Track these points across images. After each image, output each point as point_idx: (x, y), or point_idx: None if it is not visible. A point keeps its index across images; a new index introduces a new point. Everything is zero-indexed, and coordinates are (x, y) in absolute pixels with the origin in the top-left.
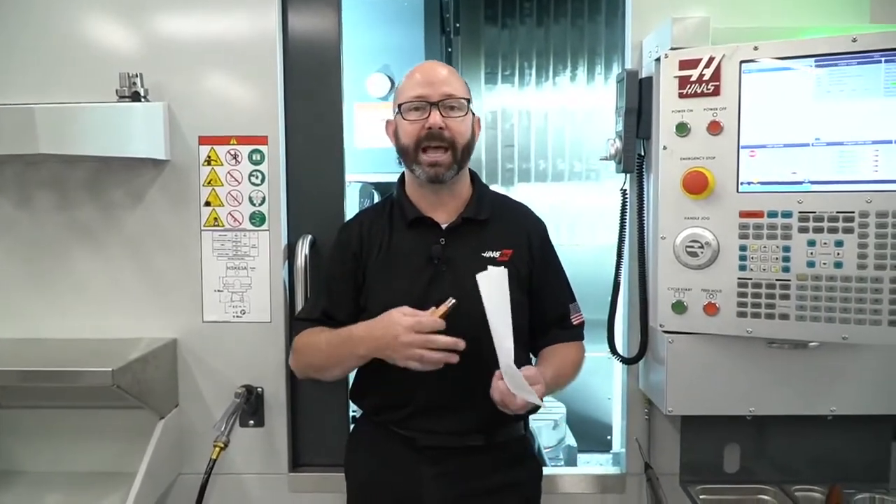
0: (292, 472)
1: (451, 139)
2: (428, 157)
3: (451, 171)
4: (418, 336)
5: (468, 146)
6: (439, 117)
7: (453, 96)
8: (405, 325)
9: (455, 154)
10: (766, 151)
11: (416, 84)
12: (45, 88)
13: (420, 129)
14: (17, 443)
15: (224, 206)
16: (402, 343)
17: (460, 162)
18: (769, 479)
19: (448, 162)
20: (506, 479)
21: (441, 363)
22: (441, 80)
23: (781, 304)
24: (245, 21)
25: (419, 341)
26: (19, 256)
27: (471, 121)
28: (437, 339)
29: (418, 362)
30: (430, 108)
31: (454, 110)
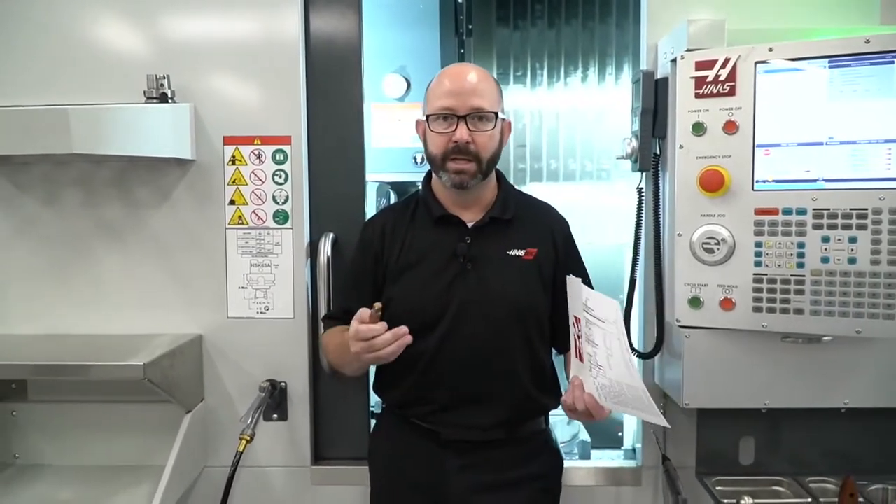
0: (314, 465)
1: (477, 152)
2: (454, 166)
3: (475, 179)
4: (363, 343)
5: (494, 157)
6: (466, 132)
7: (482, 109)
8: (350, 336)
9: (480, 165)
10: (780, 150)
11: (444, 93)
12: (75, 91)
13: (447, 141)
14: (46, 437)
15: (248, 205)
16: (354, 352)
17: (485, 171)
18: (784, 471)
19: (473, 171)
20: (528, 471)
21: (397, 351)
22: (469, 91)
23: (796, 299)
24: (268, 24)
25: (364, 347)
26: (46, 254)
27: (498, 129)
28: (376, 342)
29: (380, 360)
30: (458, 121)
31: (482, 122)
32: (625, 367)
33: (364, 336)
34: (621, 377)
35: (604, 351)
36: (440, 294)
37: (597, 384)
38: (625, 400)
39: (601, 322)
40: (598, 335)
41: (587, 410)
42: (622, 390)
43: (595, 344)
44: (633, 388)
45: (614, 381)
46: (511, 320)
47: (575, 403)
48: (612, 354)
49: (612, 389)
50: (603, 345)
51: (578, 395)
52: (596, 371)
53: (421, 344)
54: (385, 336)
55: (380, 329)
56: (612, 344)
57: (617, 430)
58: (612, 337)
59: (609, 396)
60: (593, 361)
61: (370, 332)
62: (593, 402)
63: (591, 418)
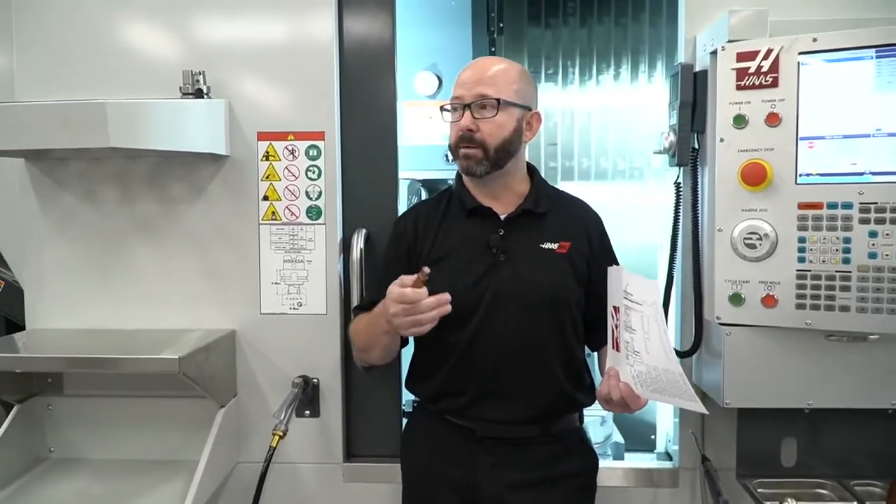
0: (346, 462)
1: (481, 140)
2: (461, 152)
3: (482, 165)
4: (402, 305)
5: (503, 146)
6: (469, 120)
7: (486, 96)
8: (391, 298)
9: (487, 152)
10: (825, 143)
11: (457, 84)
12: (113, 88)
13: (457, 129)
14: (80, 431)
15: (281, 201)
16: (393, 314)
17: (494, 159)
18: (827, 474)
19: (478, 157)
20: (562, 469)
21: (435, 319)
22: (480, 80)
23: (841, 296)
24: (302, 24)
25: (402, 310)
26: (82, 249)
27: (511, 118)
28: (419, 305)
29: (417, 327)
30: (464, 109)
31: (485, 110)
32: (662, 350)
33: (408, 299)
34: (658, 361)
35: (641, 336)
36: (474, 285)
37: (633, 372)
38: (661, 386)
39: (639, 305)
40: (636, 320)
41: (622, 400)
42: (659, 376)
43: (633, 329)
44: (670, 372)
45: (651, 366)
46: (544, 312)
47: (610, 392)
48: (649, 338)
49: (648, 376)
50: (641, 329)
51: (614, 384)
52: (632, 358)
53: (454, 335)
54: (429, 300)
55: (423, 293)
56: (651, 327)
57: (650, 434)
58: (650, 319)
59: (645, 384)
60: (630, 348)
61: (415, 294)
62: (629, 391)
63: (627, 408)
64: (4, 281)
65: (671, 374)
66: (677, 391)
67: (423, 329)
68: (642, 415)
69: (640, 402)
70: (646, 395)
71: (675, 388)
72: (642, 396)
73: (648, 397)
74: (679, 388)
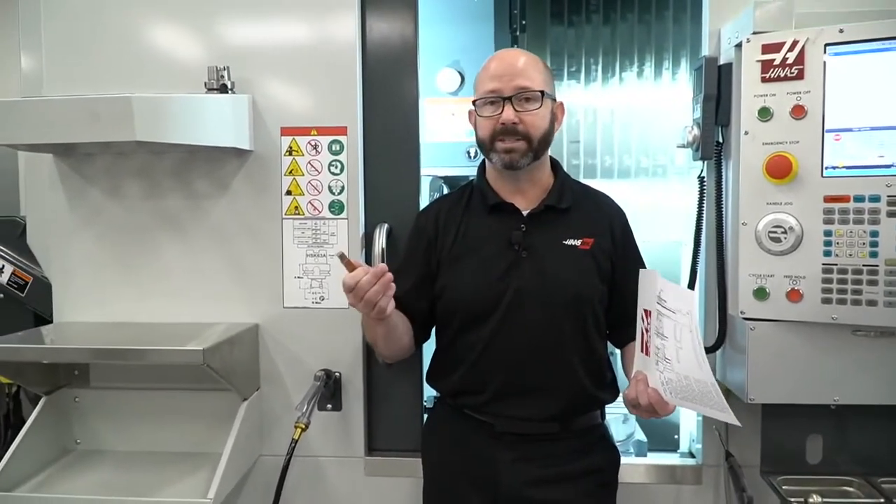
0: (368, 456)
1: (526, 132)
2: (502, 145)
3: (526, 158)
4: (351, 294)
5: (545, 136)
6: (512, 113)
7: (527, 88)
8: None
9: (531, 143)
10: (851, 135)
11: (490, 77)
12: (139, 84)
13: (495, 123)
14: (107, 423)
15: (304, 195)
16: (351, 305)
17: (536, 151)
18: (854, 471)
19: (523, 149)
20: (583, 465)
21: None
22: (515, 72)
23: (868, 291)
24: (325, 23)
25: (352, 298)
26: (109, 243)
27: (548, 110)
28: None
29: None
30: (504, 102)
31: (529, 102)
32: (695, 361)
33: (346, 287)
34: (690, 371)
35: (673, 344)
36: (495, 282)
37: (663, 378)
38: (692, 395)
39: (673, 313)
40: (669, 327)
41: (650, 405)
42: (689, 385)
43: (664, 336)
44: (702, 382)
45: (682, 375)
46: (566, 309)
47: (638, 398)
48: (681, 347)
49: (678, 384)
50: (673, 337)
51: (642, 389)
52: (663, 365)
53: (475, 332)
54: (366, 278)
55: (357, 274)
56: (683, 336)
57: (674, 434)
58: (683, 329)
59: (675, 392)
60: (660, 355)
61: (351, 279)
62: (657, 397)
63: (655, 414)
64: (33, 276)
65: (703, 384)
66: (708, 401)
67: (382, 305)
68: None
69: (669, 408)
70: (674, 402)
71: (706, 398)
72: (671, 403)
73: (677, 404)
74: (710, 399)
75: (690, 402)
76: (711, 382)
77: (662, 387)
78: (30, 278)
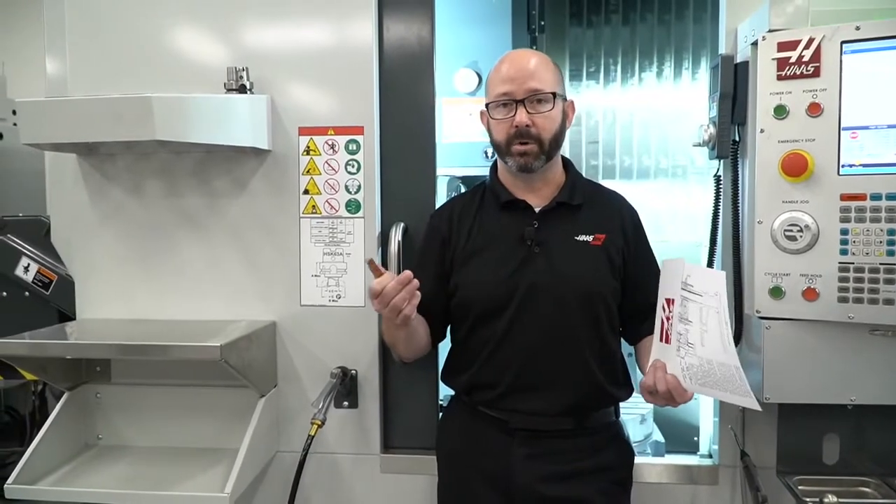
0: (384, 454)
1: (538, 134)
2: (517, 149)
3: (539, 160)
4: (376, 300)
5: (556, 137)
6: (525, 115)
7: (539, 91)
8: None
9: (542, 146)
10: (868, 133)
11: (502, 80)
12: (159, 85)
13: (509, 126)
14: (126, 419)
15: (321, 195)
16: (377, 310)
17: (549, 152)
18: (871, 472)
19: (536, 152)
20: (597, 462)
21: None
22: (526, 75)
23: (886, 289)
24: (343, 26)
25: (378, 303)
26: (130, 241)
27: (560, 111)
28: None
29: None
30: (517, 105)
31: (541, 104)
32: (720, 343)
33: (374, 292)
34: (714, 354)
35: (698, 327)
36: (508, 277)
37: (683, 364)
38: (713, 380)
39: (700, 296)
40: (694, 311)
41: (668, 392)
42: (712, 369)
43: (689, 321)
44: (726, 366)
45: (705, 359)
46: (579, 304)
47: (656, 384)
48: (706, 330)
49: (700, 369)
50: (698, 321)
51: (660, 375)
52: (684, 350)
53: (488, 328)
54: (392, 284)
55: (384, 280)
56: (710, 318)
57: (693, 435)
58: (710, 311)
59: (695, 378)
60: (683, 340)
61: (378, 285)
62: (676, 383)
63: (672, 401)
64: (58, 275)
65: (727, 367)
66: (730, 385)
67: (407, 312)
68: (685, 416)
69: (687, 395)
70: (693, 389)
71: (728, 382)
72: (689, 390)
73: (696, 391)
74: (733, 383)
75: (711, 388)
76: (736, 366)
77: (682, 373)
78: (54, 276)
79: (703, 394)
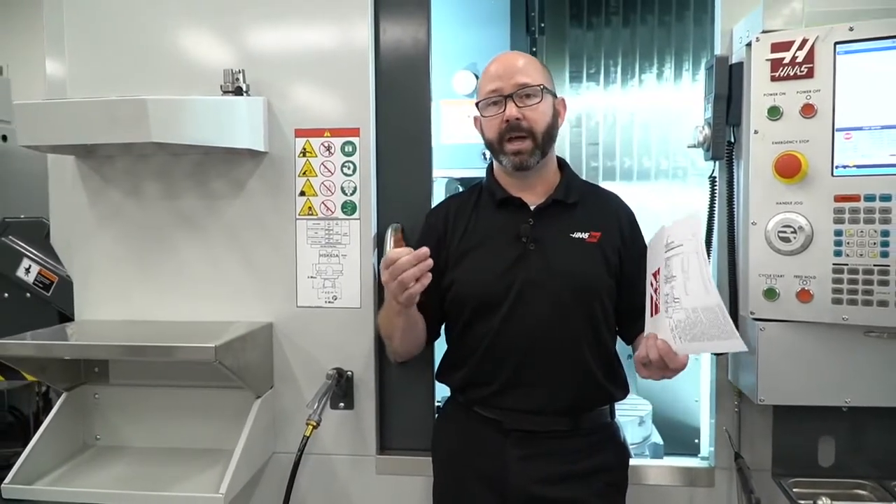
0: (380, 455)
1: (530, 128)
2: (511, 147)
3: (534, 156)
4: (388, 270)
5: (549, 131)
6: (515, 109)
7: (527, 85)
8: (382, 269)
9: (536, 140)
10: (862, 134)
11: (490, 79)
12: (156, 87)
13: (500, 122)
14: (124, 419)
15: (317, 196)
16: (384, 282)
17: (542, 147)
18: (867, 475)
19: (530, 148)
20: (592, 463)
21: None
22: (514, 71)
23: (880, 291)
24: (339, 29)
25: (388, 275)
26: (128, 242)
27: (549, 105)
28: (400, 261)
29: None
30: (506, 100)
31: (529, 98)
32: (701, 285)
33: (389, 259)
34: (697, 301)
35: (681, 279)
36: (503, 274)
37: (672, 324)
38: (700, 331)
39: (680, 247)
40: (676, 264)
41: (660, 360)
42: (698, 318)
43: (673, 277)
44: (709, 309)
45: (690, 309)
46: (574, 300)
47: (648, 353)
48: (689, 278)
49: (687, 322)
50: (680, 272)
51: (651, 343)
52: (672, 308)
53: (483, 324)
54: (407, 257)
55: (402, 251)
56: (690, 264)
57: (694, 438)
58: (689, 255)
59: (684, 335)
60: (670, 299)
61: (395, 253)
62: (666, 347)
63: (666, 370)
64: (59, 276)
65: (710, 311)
66: (716, 331)
67: (413, 290)
68: (686, 418)
69: (678, 359)
70: (684, 350)
71: (714, 327)
72: (680, 352)
73: (687, 350)
74: (718, 327)
75: (699, 340)
76: (718, 304)
77: (672, 333)
78: (55, 278)
79: (693, 352)
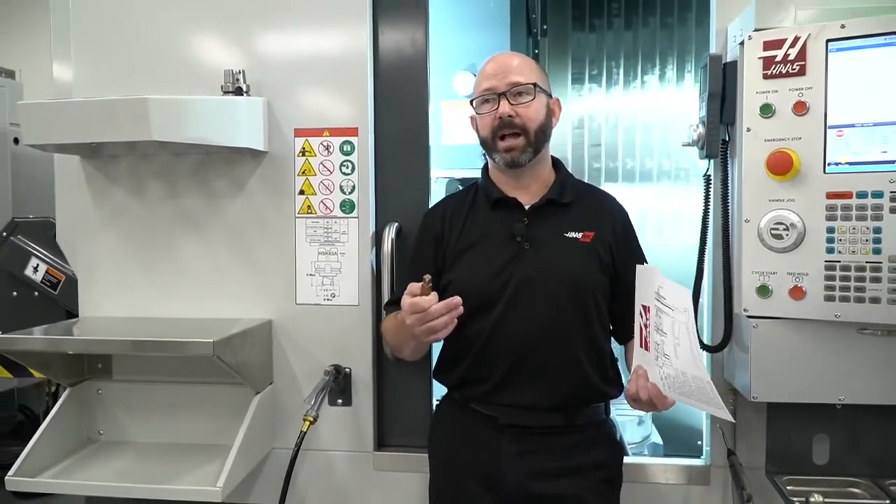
0: (377, 451)
1: (523, 125)
2: (503, 144)
3: (526, 153)
4: (415, 315)
5: (542, 129)
6: (508, 106)
7: (519, 83)
8: (405, 310)
9: (528, 137)
10: (854, 131)
11: (485, 77)
12: (161, 89)
13: (493, 119)
14: (126, 415)
15: (317, 195)
16: (409, 324)
17: (535, 145)
18: (861, 473)
19: (522, 145)
20: (586, 459)
21: (449, 322)
22: (507, 70)
23: (872, 288)
24: (338, 26)
25: (416, 319)
26: (131, 241)
27: (543, 104)
28: (429, 312)
29: (434, 334)
30: (499, 98)
31: (522, 96)
32: (691, 358)
33: (418, 308)
34: (687, 368)
35: (671, 340)
36: (498, 273)
37: (662, 374)
38: (689, 391)
39: (671, 310)
40: (668, 324)
41: (650, 400)
42: (687, 381)
43: (664, 333)
44: (698, 379)
45: (680, 371)
46: (569, 299)
47: (638, 392)
48: (679, 344)
49: (676, 380)
50: (671, 334)
51: (642, 384)
52: (662, 360)
53: (479, 323)
54: (437, 306)
55: (432, 300)
56: (681, 333)
57: (697, 439)
58: (680, 326)
59: (673, 387)
60: (660, 350)
61: (424, 302)
62: (657, 391)
63: (655, 408)
64: (65, 275)
65: (699, 381)
66: (704, 397)
67: (440, 335)
68: (688, 418)
69: (668, 402)
70: (673, 397)
71: (702, 393)
72: (669, 398)
73: (676, 399)
74: (706, 395)
75: (688, 397)
76: (707, 380)
77: (661, 382)
78: (62, 276)
79: (682, 402)
